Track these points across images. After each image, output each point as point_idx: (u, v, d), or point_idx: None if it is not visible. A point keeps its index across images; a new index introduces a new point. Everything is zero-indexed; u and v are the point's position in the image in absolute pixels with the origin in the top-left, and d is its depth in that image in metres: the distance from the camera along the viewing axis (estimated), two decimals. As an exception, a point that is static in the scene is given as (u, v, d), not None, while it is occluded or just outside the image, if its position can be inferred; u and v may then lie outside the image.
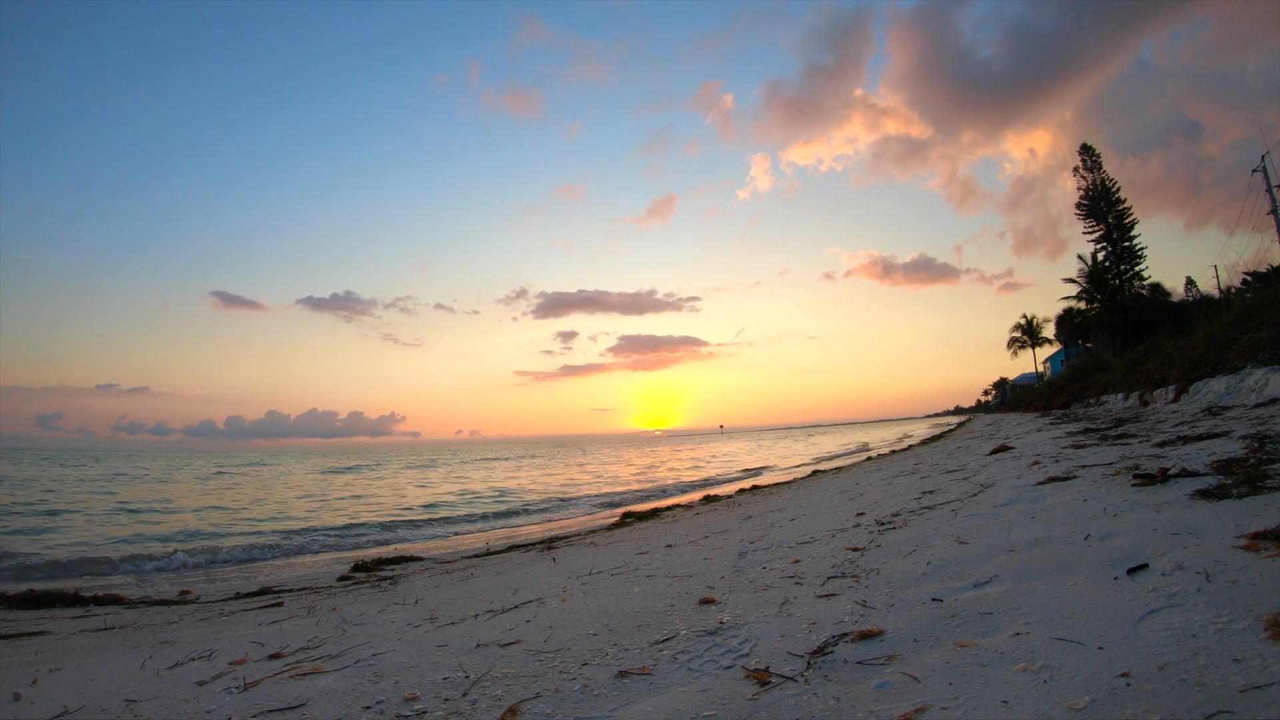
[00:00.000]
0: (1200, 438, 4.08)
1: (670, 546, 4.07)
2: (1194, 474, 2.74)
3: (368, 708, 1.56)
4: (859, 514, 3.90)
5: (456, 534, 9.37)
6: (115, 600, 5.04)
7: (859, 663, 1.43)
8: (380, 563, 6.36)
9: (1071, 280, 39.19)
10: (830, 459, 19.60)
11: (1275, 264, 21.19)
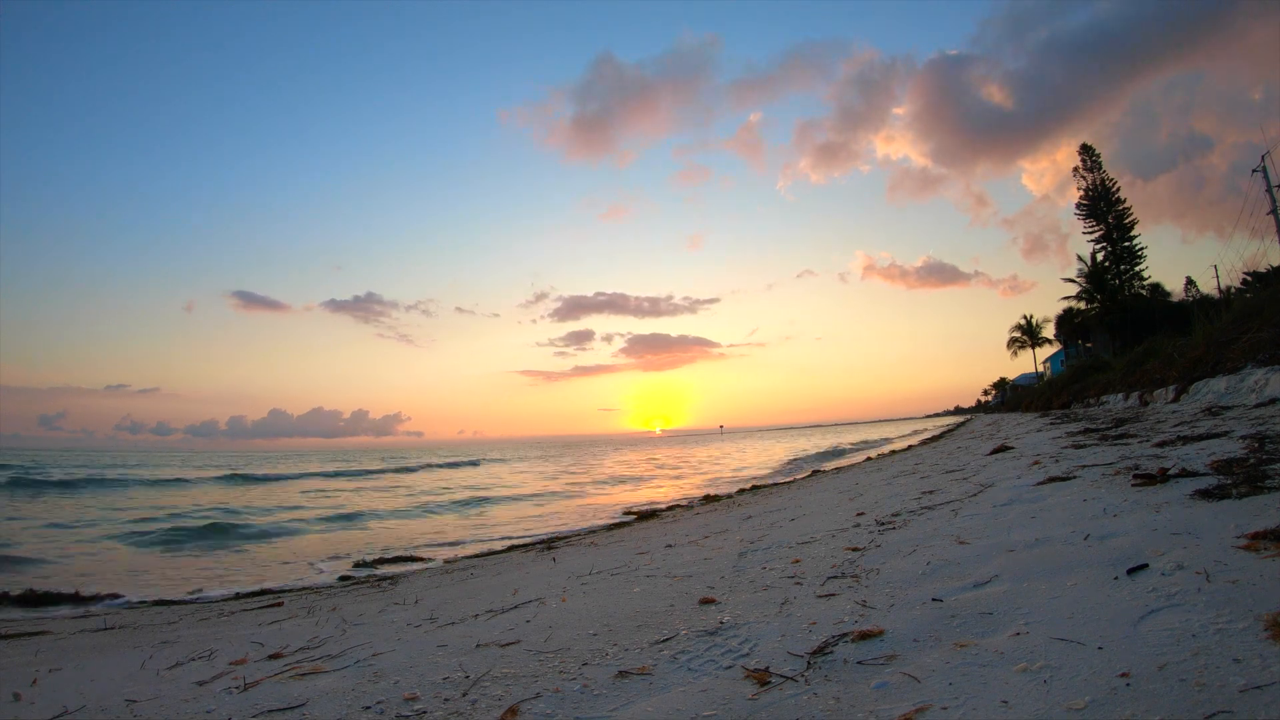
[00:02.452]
0: (1200, 438, 4.08)
1: (670, 546, 4.07)
2: (1194, 474, 2.74)
3: (368, 708, 1.56)
4: (859, 514, 3.89)
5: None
6: (115, 599, 5.04)
7: (859, 663, 1.43)
8: (380, 563, 6.38)
9: (1071, 280, 39.22)
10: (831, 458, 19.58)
11: (1275, 264, 21.20)
